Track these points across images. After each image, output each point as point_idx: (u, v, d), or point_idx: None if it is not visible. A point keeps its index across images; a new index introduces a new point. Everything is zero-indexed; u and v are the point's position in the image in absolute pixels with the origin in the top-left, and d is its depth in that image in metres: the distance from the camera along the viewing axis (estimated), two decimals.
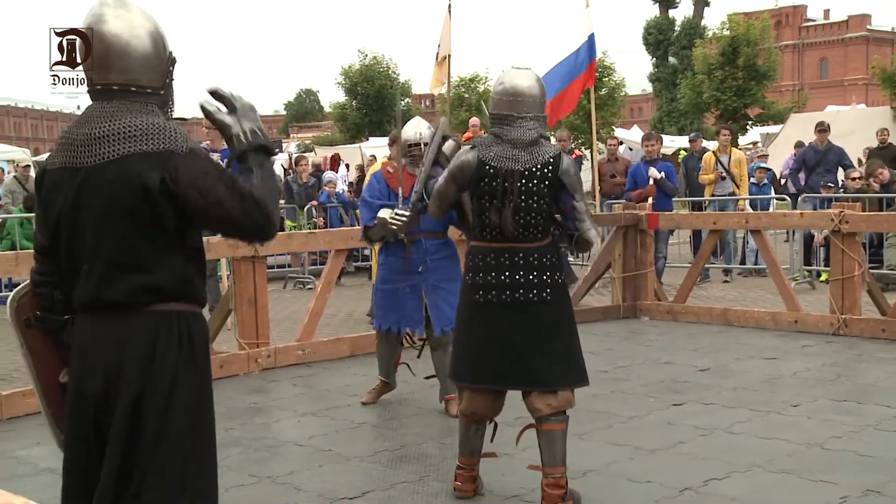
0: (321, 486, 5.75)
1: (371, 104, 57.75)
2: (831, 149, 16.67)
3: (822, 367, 8.85)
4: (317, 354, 9.46)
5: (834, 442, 6.36)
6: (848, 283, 10.27)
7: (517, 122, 5.23)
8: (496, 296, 5.20)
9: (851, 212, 10.41)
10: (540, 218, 5.20)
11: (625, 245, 11.85)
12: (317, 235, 11.68)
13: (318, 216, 17.00)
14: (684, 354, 9.49)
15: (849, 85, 79.55)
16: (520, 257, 5.19)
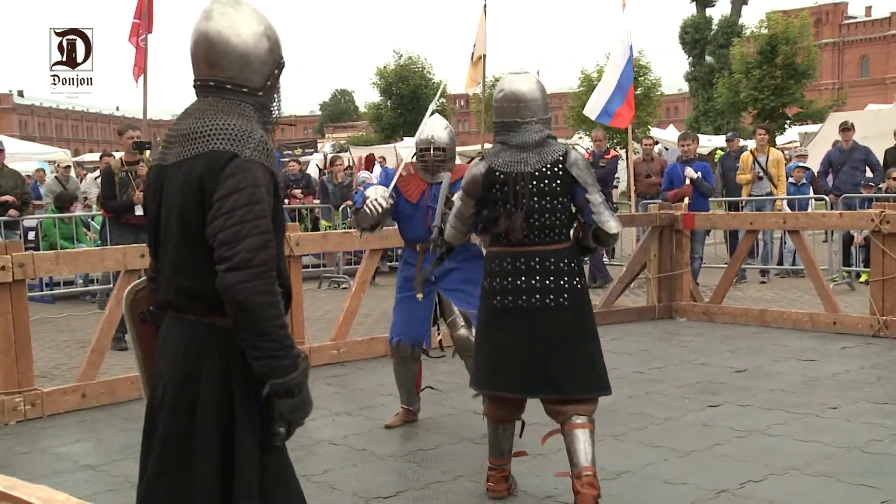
0: (356, 484, 5.79)
1: (406, 104, 57.82)
2: (857, 148, 16.51)
3: (862, 369, 8.78)
4: (351, 354, 9.51)
5: (874, 445, 6.31)
6: (889, 285, 10.18)
7: (521, 126, 5.20)
8: (512, 301, 5.13)
9: (893, 212, 10.32)
10: (555, 219, 5.14)
11: (660, 245, 11.81)
12: (352, 235, 11.69)
13: (352, 216, 16.96)
14: (720, 356, 9.44)
15: (890, 83, 78.93)
16: (536, 262, 5.12)
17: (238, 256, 2.95)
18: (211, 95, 3.22)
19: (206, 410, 3.09)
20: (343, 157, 24.25)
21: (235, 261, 2.95)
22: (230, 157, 3.03)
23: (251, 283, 2.95)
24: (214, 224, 3.00)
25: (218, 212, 2.99)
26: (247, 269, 2.95)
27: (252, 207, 3.00)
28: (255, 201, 3.02)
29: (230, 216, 2.98)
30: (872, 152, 16.68)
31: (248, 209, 2.99)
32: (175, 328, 3.20)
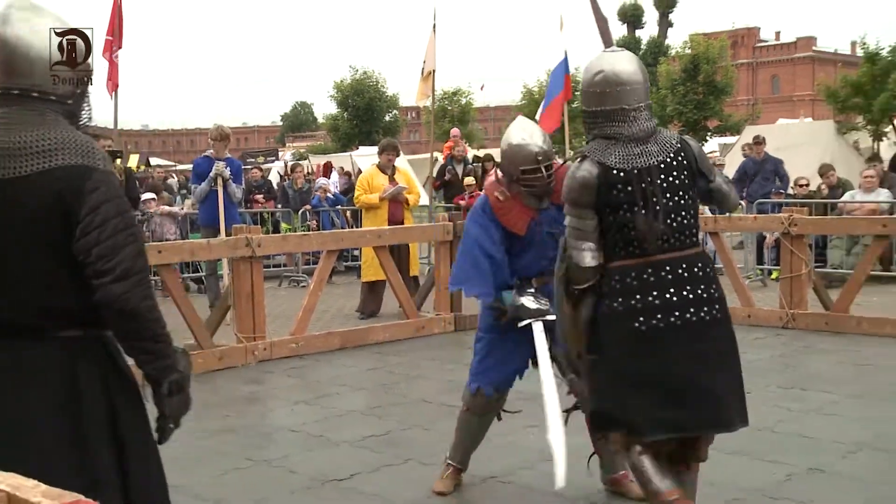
0: (312, 468, 5.75)
1: (361, 116, 57.62)
2: (768, 159, 16.78)
3: (772, 357, 8.90)
4: (309, 347, 9.41)
5: (782, 425, 6.41)
6: (796, 281, 10.32)
7: (630, 115, 4.00)
8: (663, 319, 3.88)
9: (799, 216, 10.48)
10: (691, 217, 4.03)
11: None
12: (310, 237, 11.66)
13: (311, 219, 16.98)
14: None
15: (797, 100, 79.58)
16: (683, 269, 3.94)
17: (120, 267, 2.77)
18: (15, 105, 2.92)
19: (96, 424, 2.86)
20: (302, 164, 24.14)
21: (118, 272, 2.76)
22: (88, 171, 2.81)
23: (135, 290, 2.79)
24: (88, 239, 2.77)
25: (89, 226, 2.77)
26: (130, 279, 2.79)
27: (122, 217, 2.84)
28: (123, 211, 2.87)
29: (103, 229, 2.77)
30: (782, 163, 16.90)
31: (120, 219, 2.83)
32: (34, 351, 2.84)
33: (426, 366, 8.82)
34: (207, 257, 10.81)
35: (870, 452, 5.82)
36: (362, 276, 12.06)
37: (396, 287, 10.46)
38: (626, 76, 4.01)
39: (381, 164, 12.13)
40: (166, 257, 8.93)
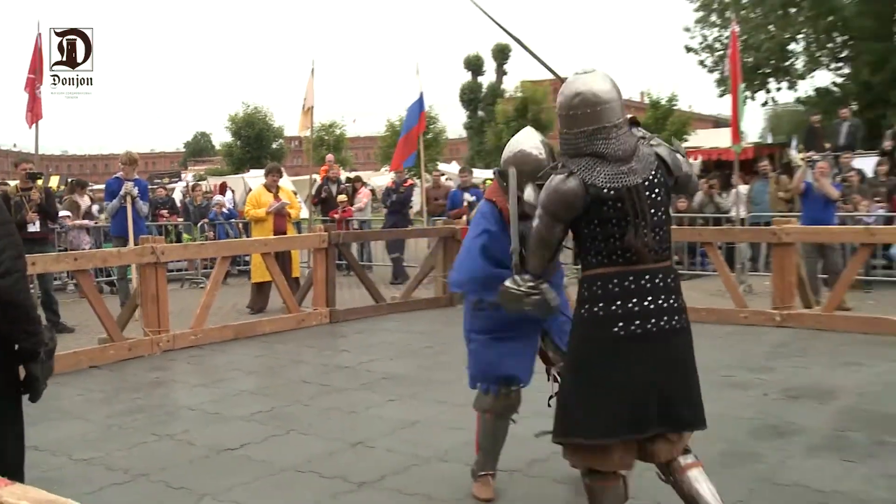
0: (209, 440, 5.64)
1: (252, 144, 57.00)
2: None
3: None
4: (207, 338, 9.20)
5: None
6: None
7: (610, 132, 3.50)
8: (641, 326, 3.45)
9: None
10: (667, 232, 3.58)
11: (445, 251, 11.92)
12: (207, 245, 11.51)
13: (208, 231, 16.77)
14: None
15: None
16: (660, 279, 3.50)
17: (2, 266, 2.81)
18: None
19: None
20: (202, 184, 23.74)
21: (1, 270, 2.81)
22: None
23: (16, 285, 2.86)
24: None
25: None
26: (12, 275, 2.84)
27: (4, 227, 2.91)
28: (4, 221, 2.95)
29: None
30: None
31: (2, 227, 2.91)
32: None
33: (306, 352, 8.77)
34: (118, 263, 10.58)
35: None
36: (252, 278, 11.96)
37: (280, 287, 10.38)
38: (604, 94, 3.54)
39: (267, 183, 12.09)
40: (82, 264, 8.68)
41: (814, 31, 28.24)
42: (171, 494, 4.66)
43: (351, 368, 7.80)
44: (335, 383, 7.21)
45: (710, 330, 9.19)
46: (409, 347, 8.84)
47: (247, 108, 58.14)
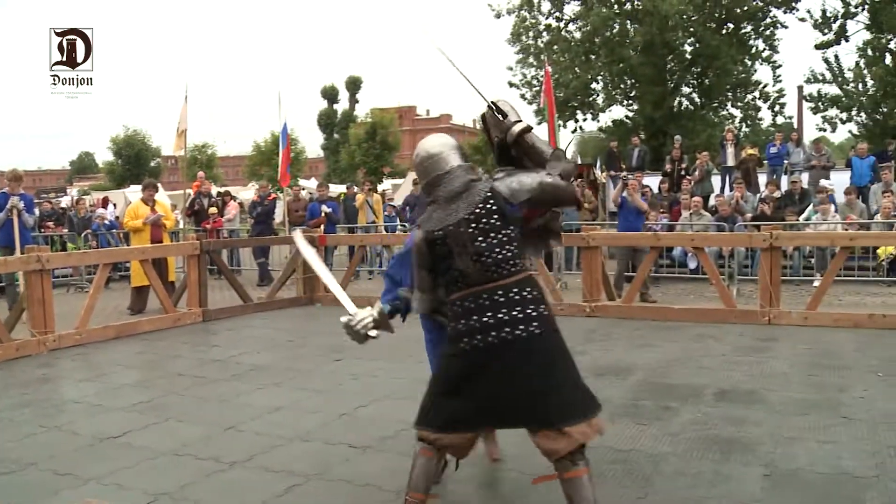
0: (93, 430, 5.35)
1: (132, 162, 54.61)
2: (422, 194, 17.36)
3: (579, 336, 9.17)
4: (90, 338, 8.74)
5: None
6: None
7: (443, 177, 3.53)
8: (482, 339, 3.31)
9: None
10: (506, 251, 3.39)
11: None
12: (89, 254, 10.91)
13: (91, 240, 15.93)
14: None
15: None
16: (500, 295, 3.34)
17: None
18: None
19: None
20: (85, 199, 22.59)
21: None
22: None
23: None
24: None
25: None
26: None
27: None
28: None
29: None
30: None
31: None
32: None
33: (181, 348, 8.44)
34: (5, 271, 9.84)
35: None
36: (131, 282, 11.41)
37: (158, 290, 9.99)
38: (433, 149, 3.58)
39: (144, 198, 11.63)
40: None
41: (609, 74, 29.68)
42: (58, 481, 4.38)
43: (222, 361, 7.57)
44: (208, 375, 6.98)
45: None
46: (273, 341, 8.66)
47: (127, 131, 55.69)
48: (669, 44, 28.07)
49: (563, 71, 29.63)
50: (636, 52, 28.49)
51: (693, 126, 30.20)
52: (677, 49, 28.87)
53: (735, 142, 18.45)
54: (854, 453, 4.42)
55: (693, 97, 31.08)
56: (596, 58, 29.58)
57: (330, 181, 43.70)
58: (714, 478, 4.12)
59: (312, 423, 5.34)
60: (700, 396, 5.72)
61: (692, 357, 7.09)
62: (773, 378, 6.25)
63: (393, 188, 31.16)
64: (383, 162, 46.27)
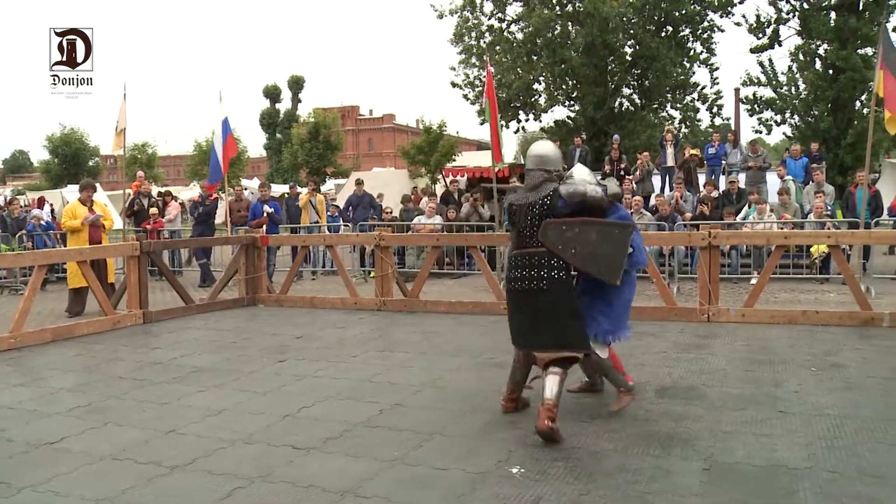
0: (29, 436, 5.18)
1: (69, 161, 52.87)
2: (366, 195, 17.36)
3: (371, 330, 9.16)
4: (25, 341, 8.48)
5: (377, 377, 6.60)
6: (385, 278, 10.74)
7: (529, 174, 5.20)
8: (513, 286, 5.10)
9: (387, 234, 10.91)
10: (536, 231, 5.01)
11: (247, 256, 11.66)
12: (24, 255, 10.54)
13: (26, 241, 15.44)
14: (286, 328, 9.41)
15: (385, 155, 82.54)
16: (526, 259, 5.03)
17: None
18: None
19: None
20: (20, 198, 21.88)
21: None
22: None
23: None
24: None
25: None
26: None
27: None
28: None
29: None
30: (374, 197, 17.50)
31: None
32: None
33: (121, 351, 8.23)
34: None
35: (431, 390, 6.16)
36: (69, 284, 11.10)
37: (96, 292, 9.71)
38: (538, 151, 5.24)
39: (81, 198, 11.31)
40: None
41: (551, 75, 29.95)
42: None
43: (163, 364, 7.42)
44: (149, 378, 6.83)
45: (477, 320, 9.52)
46: (215, 343, 8.52)
47: (63, 129, 54.02)
48: (610, 45, 28.47)
49: (505, 71, 29.83)
50: (577, 54, 28.82)
51: (634, 127, 30.74)
52: (618, 51, 29.30)
53: (674, 142, 18.84)
54: (789, 446, 4.55)
55: (633, 98, 31.60)
56: (538, 59, 29.84)
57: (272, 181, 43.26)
58: (655, 472, 4.20)
59: (255, 425, 5.27)
60: (641, 393, 5.81)
61: (633, 354, 7.19)
62: (712, 374, 6.39)
63: (336, 188, 30.96)
64: (326, 162, 45.83)
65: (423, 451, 4.65)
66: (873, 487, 3.91)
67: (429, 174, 30.68)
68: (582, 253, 5.02)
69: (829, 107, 25.80)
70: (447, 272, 14.56)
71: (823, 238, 9.94)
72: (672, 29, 29.89)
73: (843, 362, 6.75)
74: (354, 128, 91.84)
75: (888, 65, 10.40)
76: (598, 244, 5.05)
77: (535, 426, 4.75)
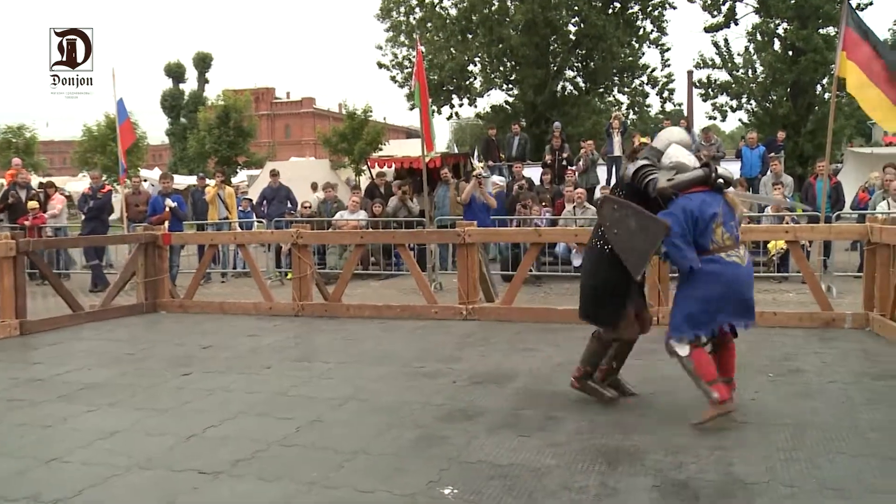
0: None
1: None
2: (282, 187, 17.20)
3: (287, 338, 9.06)
4: None
5: (293, 390, 6.54)
6: (304, 280, 10.62)
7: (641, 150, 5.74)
8: None
9: (305, 231, 10.80)
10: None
11: (146, 257, 11.39)
12: None
13: None
14: (192, 337, 9.22)
15: (304, 144, 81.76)
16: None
17: None
18: None
19: None
20: None
21: None
22: None
23: None
24: None
25: None
26: None
27: None
28: None
29: None
30: (292, 191, 17.33)
31: None
32: None
33: None
34: None
35: (354, 403, 6.12)
36: None
37: None
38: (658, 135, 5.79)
39: None
40: None
41: (488, 55, 30.18)
42: None
43: (45, 381, 7.17)
44: (28, 397, 6.59)
45: (405, 325, 9.51)
46: (109, 355, 8.29)
47: None
48: (552, 23, 28.82)
49: (437, 51, 29.93)
50: (517, 32, 29.09)
51: (577, 112, 31.20)
52: (561, 29, 29.69)
53: (622, 130, 19.15)
54: (745, 458, 4.65)
55: (577, 81, 32.09)
56: (473, 37, 30.02)
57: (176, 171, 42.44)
58: (600, 491, 4.24)
59: (155, 448, 5.13)
60: (586, 404, 5.88)
61: (576, 361, 7.26)
62: (664, 381, 6.50)
63: (249, 179, 30.51)
64: (237, 150, 45.21)
65: (345, 471, 4.61)
66: (834, 501, 4.02)
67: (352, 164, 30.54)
68: (621, 237, 5.38)
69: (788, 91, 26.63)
70: (372, 273, 14.51)
71: (781, 233, 10.21)
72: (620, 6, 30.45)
73: (803, 367, 6.95)
74: (269, 112, 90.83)
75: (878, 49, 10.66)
76: (633, 233, 5.31)
77: None
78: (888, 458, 4.61)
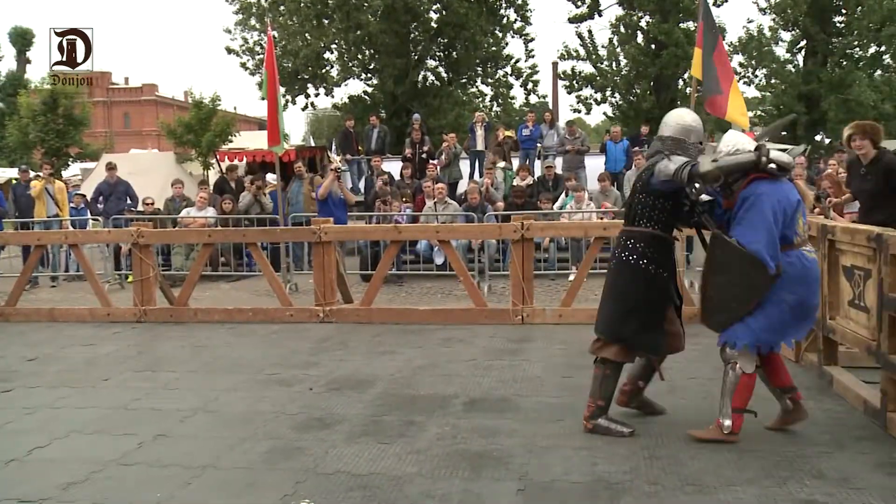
0: None
1: None
2: (121, 182, 16.61)
3: (128, 346, 8.79)
4: None
5: (135, 403, 6.36)
6: (146, 283, 10.31)
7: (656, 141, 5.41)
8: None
9: (146, 229, 10.48)
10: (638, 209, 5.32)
11: None
12: None
13: None
14: (15, 349, 8.76)
15: (145, 134, 79.07)
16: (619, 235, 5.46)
17: None
18: None
19: None
20: None
21: None
22: None
23: None
24: None
25: None
26: None
27: None
28: None
29: None
30: (131, 185, 16.75)
31: None
32: None
33: None
34: None
35: (202, 415, 6.01)
36: None
37: None
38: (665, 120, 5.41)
39: None
40: None
41: (345, 42, 30.06)
42: None
43: None
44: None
45: (258, 329, 9.39)
46: None
47: None
48: (413, 9, 29.00)
49: (291, 37, 29.58)
50: (375, 18, 29.11)
51: (439, 104, 31.52)
52: (422, 16, 29.91)
53: (485, 125, 19.49)
54: (609, 458, 4.85)
55: (439, 72, 32.41)
56: (330, 23, 29.84)
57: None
58: (464, 497, 4.33)
59: None
60: (448, 407, 5.98)
61: (439, 363, 7.38)
62: (527, 383, 6.69)
63: (83, 173, 29.32)
64: (69, 140, 43.26)
65: (192, 489, 4.53)
66: (693, 496, 4.26)
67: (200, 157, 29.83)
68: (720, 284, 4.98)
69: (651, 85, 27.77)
70: (222, 274, 14.23)
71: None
72: None
73: (667, 363, 7.27)
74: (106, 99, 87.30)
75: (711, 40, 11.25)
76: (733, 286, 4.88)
77: None
78: (745, 451, 4.91)
